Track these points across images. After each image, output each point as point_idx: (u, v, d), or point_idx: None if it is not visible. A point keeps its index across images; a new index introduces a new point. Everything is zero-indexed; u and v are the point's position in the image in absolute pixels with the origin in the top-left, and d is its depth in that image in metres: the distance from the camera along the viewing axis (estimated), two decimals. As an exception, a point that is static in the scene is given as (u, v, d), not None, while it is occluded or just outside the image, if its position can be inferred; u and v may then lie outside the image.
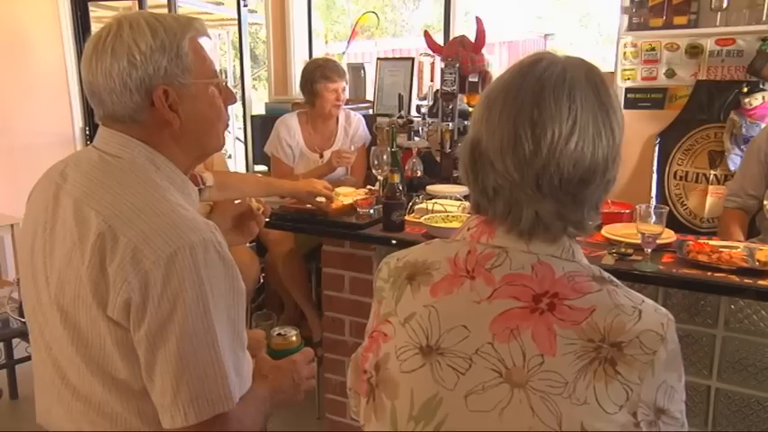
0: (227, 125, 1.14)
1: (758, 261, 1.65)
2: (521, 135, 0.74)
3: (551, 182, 0.74)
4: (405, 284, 0.83)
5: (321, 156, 2.93)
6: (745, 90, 2.60)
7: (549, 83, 0.75)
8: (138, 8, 4.31)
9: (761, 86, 2.58)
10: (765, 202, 1.81)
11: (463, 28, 3.36)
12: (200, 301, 0.89)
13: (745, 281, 1.58)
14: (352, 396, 0.85)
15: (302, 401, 1.18)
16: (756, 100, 2.55)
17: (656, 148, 2.95)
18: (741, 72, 2.66)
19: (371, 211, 2.23)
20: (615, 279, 0.77)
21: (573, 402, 0.67)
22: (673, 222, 2.82)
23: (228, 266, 0.95)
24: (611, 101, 0.77)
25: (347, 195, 2.41)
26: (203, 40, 1.06)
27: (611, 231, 1.91)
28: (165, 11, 3.77)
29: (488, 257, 0.77)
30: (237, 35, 3.63)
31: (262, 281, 3.18)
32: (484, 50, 2.76)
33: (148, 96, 0.98)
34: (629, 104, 2.99)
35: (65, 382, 1.00)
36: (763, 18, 2.48)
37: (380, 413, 0.79)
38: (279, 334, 1.22)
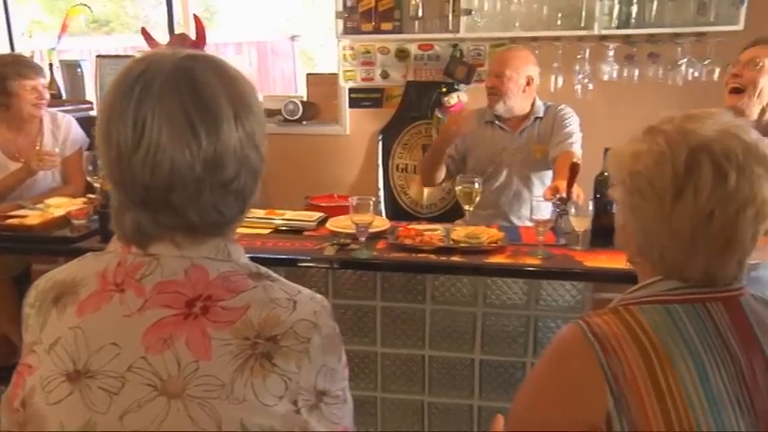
0: None
1: (452, 240, 1.88)
2: (100, 143, 0.73)
3: (136, 190, 0.71)
4: (50, 308, 0.75)
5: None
6: (444, 90, 2.98)
7: (123, 86, 0.71)
8: None
9: (455, 87, 2.97)
10: (456, 188, 2.06)
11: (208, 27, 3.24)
12: None
13: (441, 258, 1.80)
14: None
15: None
16: (453, 99, 2.94)
17: (380, 144, 3.21)
18: (440, 74, 3.03)
19: (89, 221, 2.04)
20: (273, 274, 0.77)
21: (231, 402, 0.67)
22: (397, 211, 3.10)
23: None
24: (208, 104, 0.71)
25: (59, 206, 2.17)
26: None
27: (335, 224, 2.02)
28: None
29: (138, 267, 0.73)
30: None
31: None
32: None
33: None
34: (354, 104, 3.21)
35: None
36: (449, 27, 2.84)
37: None
38: None
